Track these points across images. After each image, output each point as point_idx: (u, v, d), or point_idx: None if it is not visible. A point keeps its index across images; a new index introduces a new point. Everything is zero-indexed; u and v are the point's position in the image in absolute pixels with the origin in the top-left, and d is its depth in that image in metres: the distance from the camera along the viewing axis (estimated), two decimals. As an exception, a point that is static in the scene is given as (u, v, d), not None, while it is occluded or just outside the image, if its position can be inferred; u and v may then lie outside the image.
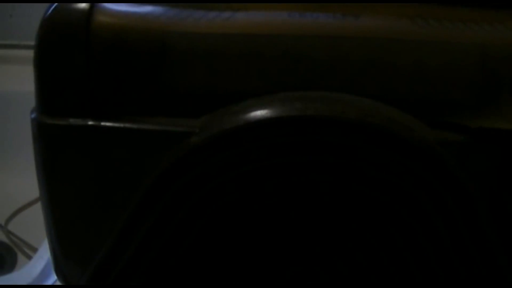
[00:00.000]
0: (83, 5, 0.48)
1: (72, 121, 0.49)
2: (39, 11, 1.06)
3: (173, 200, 0.49)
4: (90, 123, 0.49)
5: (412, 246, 0.49)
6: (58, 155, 0.50)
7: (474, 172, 0.47)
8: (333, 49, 0.47)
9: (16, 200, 0.92)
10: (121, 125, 0.48)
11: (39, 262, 0.69)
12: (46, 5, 1.06)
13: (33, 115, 0.50)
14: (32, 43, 1.10)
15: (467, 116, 0.48)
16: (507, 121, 0.47)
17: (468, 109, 0.48)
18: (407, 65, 0.47)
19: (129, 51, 0.48)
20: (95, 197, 0.51)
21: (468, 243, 0.48)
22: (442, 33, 0.48)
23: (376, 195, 0.48)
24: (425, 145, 0.46)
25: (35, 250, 0.81)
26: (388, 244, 0.49)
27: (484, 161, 0.48)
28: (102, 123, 0.49)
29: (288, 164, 0.48)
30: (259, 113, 0.46)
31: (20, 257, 0.89)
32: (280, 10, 0.48)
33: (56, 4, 0.49)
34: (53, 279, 0.65)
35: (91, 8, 0.48)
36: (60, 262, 0.56)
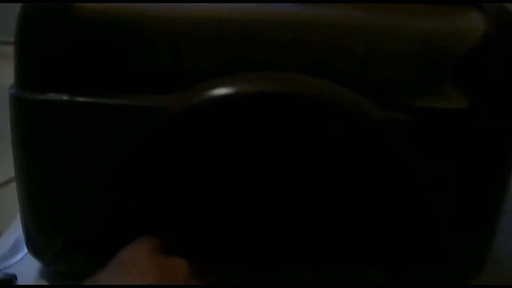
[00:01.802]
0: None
1: (48, 96, 0.51)
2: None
3: (145, 167, 0.52)
4: (65, 98, 0.51)
5: (359, 211, 0.54)
6: (34, 128, 0.53)
7: (418, 147, 0.52)
8: (292, 34, 0.51)
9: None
10: (95, 100, 0.51)
11: (6, 241, 0.68)
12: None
13: (11, 90, 0.53)
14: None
15: (412, 97, 0.52)
16: (447, 101, 0.52)
17: (413, 91, 0.52)
18: (359, 50, 0.51)
19: (106, 33, 0.51)
20: (68, 170, 0.54)
21: (410, 208, 0.54)
22: (391, 23, 0.52)
23: (327, 166, 0.52)
24: (372, 122, 0.51)
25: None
26: (338, 209, 0.54)
27: (427, 137, 0.52)
28: (77, 98, 0.51)
29: (248, 137, 0.51)
30: (222, 90, 0.50)
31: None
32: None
33: None
34: (20, 256, 0.66)
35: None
36: (31, 234, 0.58)
